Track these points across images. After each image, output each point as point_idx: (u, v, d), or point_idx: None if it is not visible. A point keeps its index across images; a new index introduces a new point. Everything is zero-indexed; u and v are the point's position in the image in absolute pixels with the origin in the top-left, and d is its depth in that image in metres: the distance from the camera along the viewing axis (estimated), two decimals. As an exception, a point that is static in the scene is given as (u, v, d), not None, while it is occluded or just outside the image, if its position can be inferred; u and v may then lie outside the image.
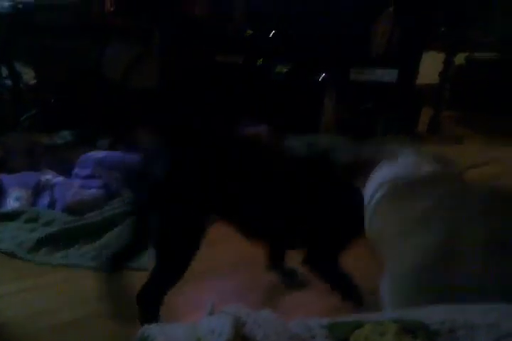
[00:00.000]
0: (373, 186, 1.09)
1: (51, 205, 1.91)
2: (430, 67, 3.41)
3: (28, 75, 2.91)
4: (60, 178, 2.01)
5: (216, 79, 2.63)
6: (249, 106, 2.76)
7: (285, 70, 2.86)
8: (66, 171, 2.08)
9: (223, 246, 1.74)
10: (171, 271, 1.18)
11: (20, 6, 2.43)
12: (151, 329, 0.62)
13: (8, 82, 2.76)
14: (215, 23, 2.62)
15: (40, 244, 1.62)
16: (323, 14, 2.84)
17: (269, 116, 2.77)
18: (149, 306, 1.18)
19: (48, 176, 2.02)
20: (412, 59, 3.05)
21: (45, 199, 1.93)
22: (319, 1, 2.85)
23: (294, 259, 1.43)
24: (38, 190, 1.93)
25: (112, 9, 2.20)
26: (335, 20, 2.86)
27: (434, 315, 0.64)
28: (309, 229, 1.26)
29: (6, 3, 2.44)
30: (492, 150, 3.27)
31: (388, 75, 2.99)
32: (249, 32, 2.75)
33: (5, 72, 2.71)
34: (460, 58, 4.47)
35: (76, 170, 1.99)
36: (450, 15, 3.32)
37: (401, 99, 3.03)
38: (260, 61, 2.77)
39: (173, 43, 2.47)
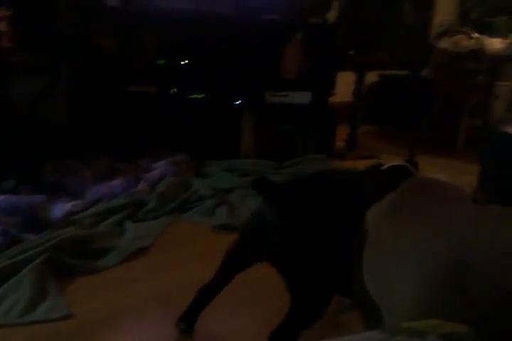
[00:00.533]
0: None
1: None
2: (346, 86, 3.57)
3: None
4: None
5: (128, 110, 2.61)
6: (166, 134, 2.76)
7: (201, 96, 2.89)
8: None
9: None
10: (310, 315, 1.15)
11: None
12: None
13: None
14: (124, 54, 2.60)
15: None
16: (235, 42, 2.91)
17: (187, 143, 2.78)
18: None
19: None
20: (323, 81, 3.18)
21: None
22: (229, 29, 2.91)
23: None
24: None
25: (11, 45, 2.13)
26: (247, 47, 2.94)
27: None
28: None
29: None
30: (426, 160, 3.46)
31: (303, 97, 3.10)
32: (162, 61, 2.76)
33: None
34: (375, 75, 4.74)
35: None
36: (360, 41, 3.51)
37: (316, 119, 3.14)
38: (174, 90, 2.78)
39: (81, 76, 2.43)
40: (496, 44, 3.82)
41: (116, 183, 2.29)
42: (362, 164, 3.58)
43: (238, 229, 1.31)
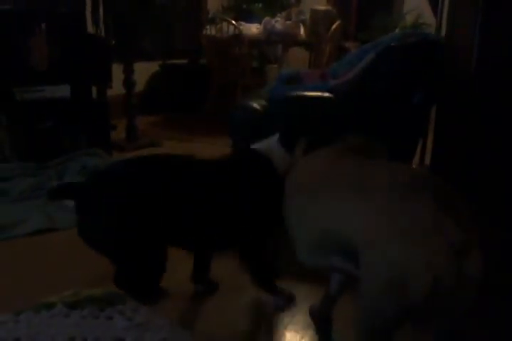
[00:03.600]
0: None
1: None
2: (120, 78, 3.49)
3: None
4: None
5: None
6: None
7: None
8: None
9: None
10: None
11: None
12: None
13: None
14: None
15: None
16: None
17: None
18: None
19: None
20: (82, 73, 3.05)
21: None
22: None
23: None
24: None
25: None
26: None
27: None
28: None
29: None
30: (191, 145, 3.57)
31: (61, 91, 2.93)
32: None
33: None
34: (155, 65, 4.76)
35: None
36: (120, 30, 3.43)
37: (84, 113, 3.01)
38: None
39: None
40: (252, 29, 4.14)
41: None
42: (144, 153, 3.57)
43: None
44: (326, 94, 2.19)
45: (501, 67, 1.89)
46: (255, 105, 2.32)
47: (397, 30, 4.92)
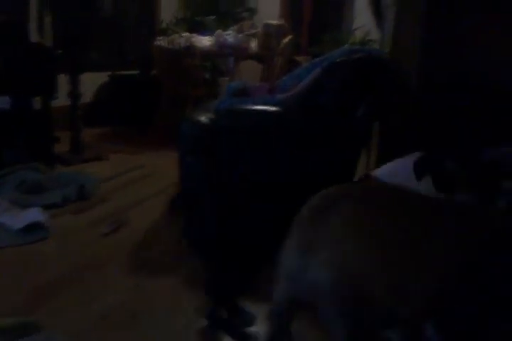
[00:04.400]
0: None
1: None
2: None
3: None
4: None
5: None
6: None
7: None
8: None
9: None
10: None
11: None
12: None
13: None
14: None
15: None
16: None
17: None
18: None
19: None
20: (23, 84, 2.93)
21: None
22: None
23: None
24: None
25: None
26: None
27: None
28: None
29: None
30: (139, 158, 3.49)
31: (0, 102, 2.80)
32: None
33: None
34: (104, 76, 4.65)
35: None
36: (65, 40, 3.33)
37: (22, 125, 2.88)
38: None
39: None
40: (204, 41, 4.13)
41: None
42: (91, 167, 3.44)
43: None
44: (273, 108, 2.19)
45: (441, 81, 1.96)
46: (203, 118, 2.28)
47: (346, 46, 5.06)
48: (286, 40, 4.54)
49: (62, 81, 3.34)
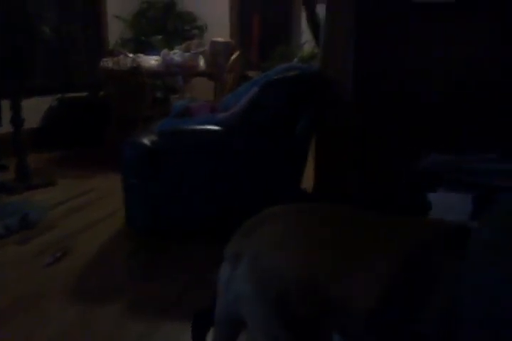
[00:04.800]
0: None
1: None
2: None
3: None
4: None
5: None
6: None
7: None
8: None
9: None
10: None
11: None
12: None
13: None
14: None
15: None
16: None
17: None
18: None
19: None
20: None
21: None
22: None
23: None
24: None
25: None
26: None
27: None
28: None
29: None
30: (89, 182, 3.43)
31: None
32: None
33: None
34: (52, 100, 4.57)
35: None
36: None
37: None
38: None
39: None
40: (151, 61, 4.13)
41: None
42: (39, 194, 3.35)
43: None
44: (214, 127, 2.20)
45: (374, 97, 2.01)
46: (144, 140, 2.28)
47: (295, 60, 5.16)
48: (234, 56, 4.59)
49: (6, 107, 3.27)
